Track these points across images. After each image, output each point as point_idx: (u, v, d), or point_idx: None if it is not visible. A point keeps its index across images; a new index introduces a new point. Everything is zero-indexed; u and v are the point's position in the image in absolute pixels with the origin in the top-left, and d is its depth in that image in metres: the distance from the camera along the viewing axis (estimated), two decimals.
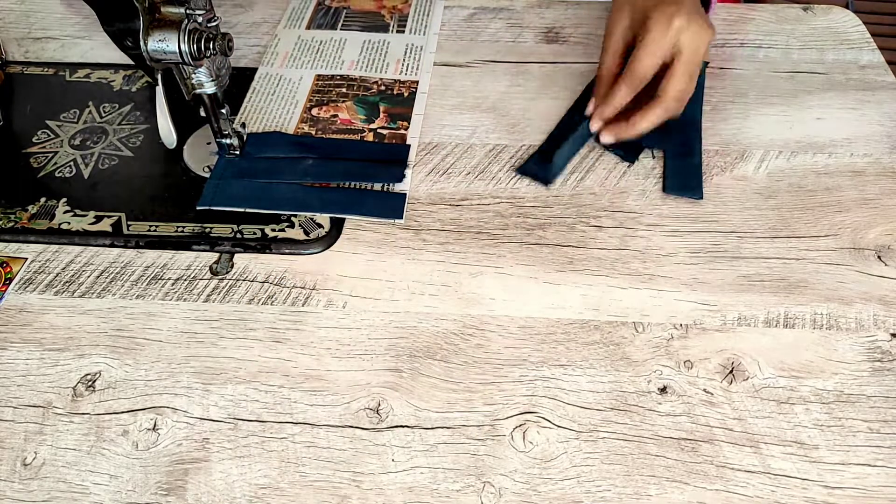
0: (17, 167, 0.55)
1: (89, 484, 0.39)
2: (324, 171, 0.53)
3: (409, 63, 0.64)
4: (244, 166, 0.54)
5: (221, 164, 0.54)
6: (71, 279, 0.48)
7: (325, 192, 0.52)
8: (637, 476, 0.39)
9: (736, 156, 0.55)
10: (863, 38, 0.66)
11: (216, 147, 0.55)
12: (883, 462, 0.39)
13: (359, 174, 0.53)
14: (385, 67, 0.63)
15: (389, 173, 0.53)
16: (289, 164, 0.54)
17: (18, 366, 0.44)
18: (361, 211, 0.51)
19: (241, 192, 0.52)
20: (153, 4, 0.44)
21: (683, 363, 0.43)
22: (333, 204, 0.51)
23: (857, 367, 0.43)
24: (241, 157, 0.55)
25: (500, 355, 0.44)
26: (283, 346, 0.44)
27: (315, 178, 0.53)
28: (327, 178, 0.53)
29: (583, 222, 0.51)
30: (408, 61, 0.64)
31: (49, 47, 0.66)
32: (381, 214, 0.51)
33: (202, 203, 0.51)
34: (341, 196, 0.52)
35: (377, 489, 0.38)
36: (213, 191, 0.52)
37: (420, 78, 0.62)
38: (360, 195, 0.52)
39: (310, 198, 0.52)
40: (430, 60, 0.64)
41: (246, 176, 0.53)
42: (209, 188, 0.52)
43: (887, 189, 0.53)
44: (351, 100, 0.60)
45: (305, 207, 0.51)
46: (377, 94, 0.61)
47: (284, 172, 0.53)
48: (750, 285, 0.47)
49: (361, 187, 0.53)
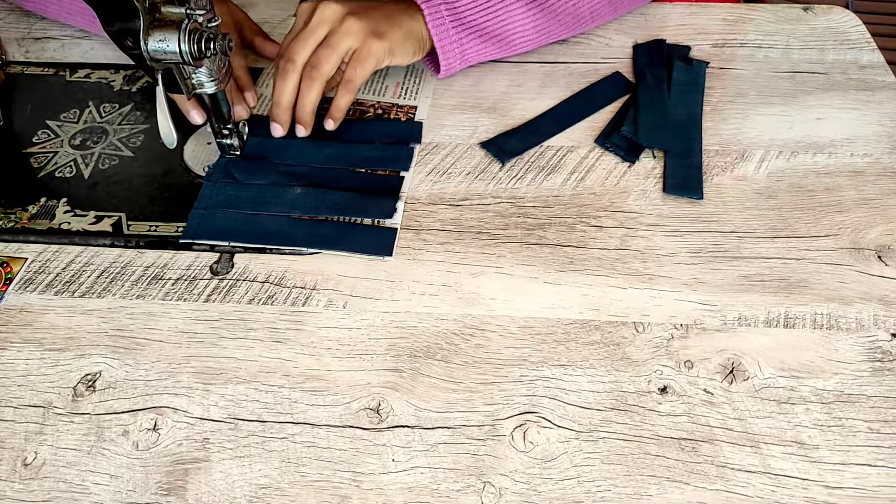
0: (17, 167, 0.55)
1: (89, 484, 0.39)
2: (312, 203, 0.51)
3: (408, 87, 0.62)
4: (230, 193, 0.52)
5: (207, 192, 0.52)
6: (71, 279, 0.48)
7: (313, 226, 0.50)
8: (637, 476, 0.39)
9: (736, 156, 0.55)
10: (863, 38, 0.66)
11: (216, 147, 0.55)
12: (883, 462, 0.39)
13: (348, 207, 0.51)
14: (383, 90, 0.62)
15: (380, 208, 0.51)
16: (276, 192, 0.52)
17: (19, 366, 0.44)
18: (350, 247, 0.49)
19: (226, 224, 0.50)
20: (153, 4, 0.44)
21: (684, 363, 0.43)
22: (321, 238, 0.50)
23: (858, 367, 0.43)
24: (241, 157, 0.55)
25: (500, 355, 0.44)
26: (283, 346, 0.44)
27: (303, 211, 0.51)
28: (315, 211, 0.51)
29: (583, 222, 0.51)
30: (407, 84, 0.62)
31: (49, 47, 0.66)
32: (370, 251, 0.49)
33: (186, 235, 0.50)
34: (329, 230, 0.50)
35: (377, 489, 0.38)
36: (197, 221, 0.50)
37: (419, 103, 0.60)
38: (348, 229, 0.50)
39: (297, 231, 0.50)
40: (431, 84, 0.62)
41: (232, 205, 0.51)
42: (194, 218, 0.51)
43: (887, 189, 0.53)
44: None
45: (292, 242, 0.49)
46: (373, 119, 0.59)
47: (271, 203, 0.52)
48: (750, 285, 0.47)
49: (351, 221, 0.51)
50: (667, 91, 0.60)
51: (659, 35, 0.66)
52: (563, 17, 0.61)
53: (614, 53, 0.65)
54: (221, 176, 0.53)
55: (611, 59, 0.64)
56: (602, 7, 0.63)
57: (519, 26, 0.60)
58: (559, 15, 0.61)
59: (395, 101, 0.60)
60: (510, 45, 0.61)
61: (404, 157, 0.55)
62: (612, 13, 0.65)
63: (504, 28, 0.59)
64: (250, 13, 0.70)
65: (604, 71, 0.63)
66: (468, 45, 0.59)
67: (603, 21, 0.65)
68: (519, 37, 0.60)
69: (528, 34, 0.61)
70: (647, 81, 0.60)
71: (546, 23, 0.61)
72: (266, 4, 0.71)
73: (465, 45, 0.59)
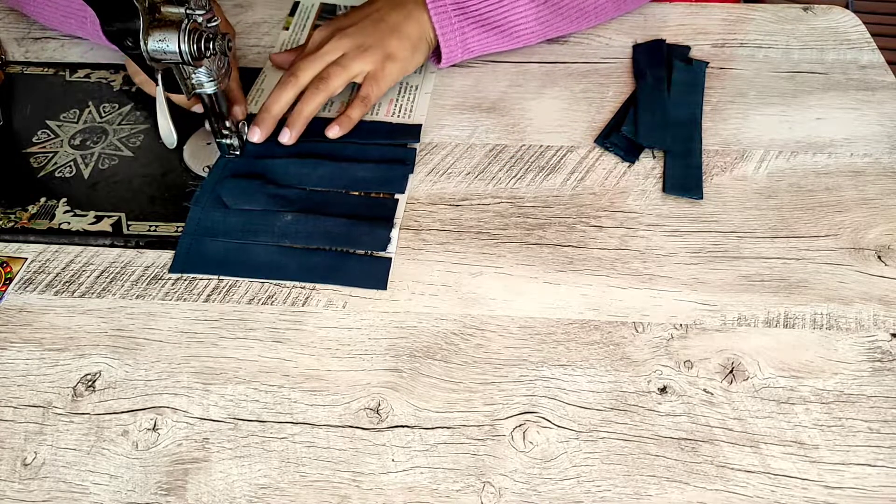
0: (17, 167, 0.55)
1: (89, 484, 0.39)
2: (303, 231, 0.49)
3: (402, 104, 0.60)
4: (218, 220, 0.50)
5: (195, 217, 0.51)
6: (71, 279, 0.48)
7: (305, 256, 0.49)
8: (637, 476, 0.39)
9: (736, 156, 0.55)
10: (863, 38, 0.66)
11: (216, 147, 0.55)
12: (883, 462, 0.39)
13: (341, 237, 0.49)
14: (377, 108, 0.59)
15: (373, 238, 0.49)
16: (266, 219, 0.50)
17: (18, 366, 0.44)
18: (342, 280, 0.47)
19: (215, 255, 0.49)
20: (153, 4, 0.44)
21: (683, 363, 0.43)
22: (313, 270, 0.48)
23: (857, 367, 0.43)
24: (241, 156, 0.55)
25: (500, 355, 0.44)
26: (283, 346, 0.44)
27: (294, 240, 0.49)
28: (307, 240, 0.49)
29: (583, 222, 0.51)
30: (401, 102, 0.60)
31: (49, 47, 0.66)
32: (364, 284, 0.47)
33: (174, 268, 0.48)
34: (321, 261, 0.48)
35: (377, 489, 0.38)
36: (185, 251, 0.49)
37: (419, 102, 0.59)
38: (341, 260, 0.48)
39: (288, 262, 0.48)
40: (426, 102, 0.60)
41: (221, 233, 0.50)
42: (182, 247, 0.49)
43: (887, 189, 0.53)
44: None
45: (283, 274, 0.48)
46: None
47: (261, 231, 0.50)
48: (750, 285, 0.47)
49: (343, 251, 0.49)
50: (667, 91, 0.60)
51: (659, 35, 0.66)
52: (567, 11, 0.62)
53: (614, 53, 0.65)
54: (210, 201, 0.51)
55: (611, 59, 0.64)
56: (606, 3, 0.63)
57: (522, 18, 0.60)
58: (563, 9, 0.61)
59: (388, 120, 0.58)
60: (513, 36, 0.61)
61: (399, 179, 0.53)
62: (615, 10, 0.65)
63: (507, 19, 0.60)
64: (248, 14, 0.70)
65: (604, 71, 0.63)
66: (470, 35, 0.59)
67: (606, 18, 0.65)
68: (522, 29, 0.60)
69: (531, 26, 0.61)
70: (647, 81, 0.60)
71: (550, 16, 0.61)
72: (264, 5, 0.71)
73: (466, 34, 0.59)
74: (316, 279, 0.48)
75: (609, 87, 0.61)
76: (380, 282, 0.47)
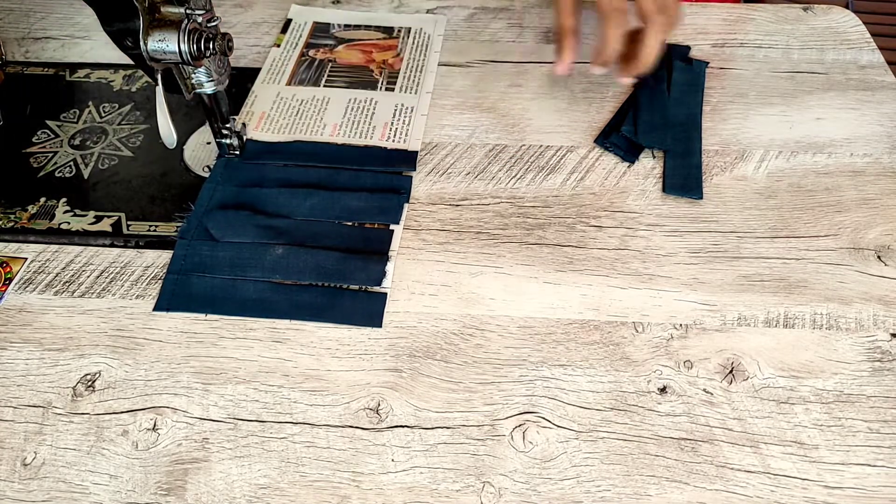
0: (16, 167, 0.55)
1: (89, 484, 0.39)
2: (294, 266, 0.47)
3: (397, 127, 0.57)
4: (206, 255, 0.48)
5: (181, 252, 0.49)
6: (71, 279, 0.48)
7: (296, 293, 0.47)
8: (637, 476, 0.39)
9: (736, 156, 0.55)
10: (863, 38, 0.66)
11: (216, 147, 0.55)
12: (883, 462, 0.39)
13: (333, 273, 0.47)
14: (371, 132, 0.57)
15: (367, 273, 0.47)
16: (256, 253, 0.48)
17: (18, 366, 0.44)
18: (335, 318, 0.46)
19: (202, 292, 0.47)
20: (153, 4, 0.44)
21: (683, 363, 0.43)
22: (304, 308, 0.46)
23: (857, 367, 0.43)
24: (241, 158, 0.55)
25: (499, 355, 0.44)
26: (282, 345, 0.44)
27: (284, 275, 0.47)
28: (298, 276, 0.47)
29: (583, 222, 0.51)
30: (396, 125, 0.58)
31: (49, 47, 0.66)
32: (358, 322, 0.45)
33: (159, 307, 0.46)
34: (313, 298, 0.46)
35: (377, 489, 0.38)
36: (171, 288, 0.47)
37: (408, 146, 0.56)
38: (333, 297, 0.46)
39: (278, 299, 0.46)
40: (422, 124, 0.58)
41: (208, 269, 0.48)
42: (167, 284, 0.47)
43: (887, 189, 0.53)
44: None
45: (273, 313, 0.46)
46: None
47: (250, 266, 0.47)
48: (750, 285, 0.47)
49: (336, 286, 0.47)
50: (667, 91, 0.60)
51: None
52: None
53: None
54: (197, 233, 0.50)
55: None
56: None
57: None
58: None
59: (383, 145, 0.56)
60: None
61: (394, 209, 0.51)
62: None
63: None
64: (250, 13, 0.70)
65: None
66: None
67: None
68: None
69: None
70: (647, 81, 0.60)
71: None
72: (264, 4, 0.71)
73: None
74: (308, 317, 0.46)
75: (609, 87, 0.61)
76: (374, 318, 0.46)
